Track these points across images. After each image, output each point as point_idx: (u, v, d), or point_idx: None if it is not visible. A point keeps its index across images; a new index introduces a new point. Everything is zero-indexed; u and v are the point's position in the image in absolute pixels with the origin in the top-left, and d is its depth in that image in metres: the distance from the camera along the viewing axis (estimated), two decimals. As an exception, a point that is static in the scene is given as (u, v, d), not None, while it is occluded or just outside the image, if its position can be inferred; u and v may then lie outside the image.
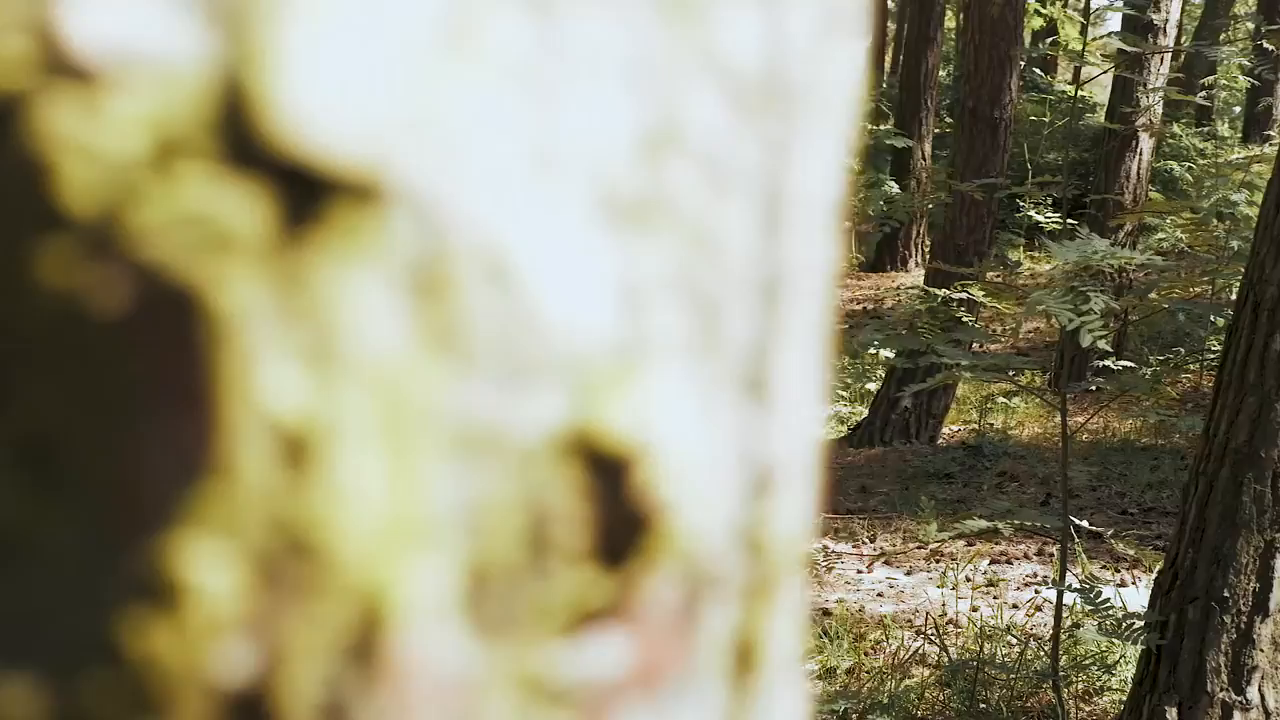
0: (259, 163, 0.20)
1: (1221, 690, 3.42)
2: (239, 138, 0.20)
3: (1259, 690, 3.41)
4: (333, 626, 0.22)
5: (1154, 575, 3.76)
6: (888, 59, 20.19)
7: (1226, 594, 3.43)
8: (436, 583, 0.22)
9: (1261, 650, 3.41)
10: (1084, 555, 5.66)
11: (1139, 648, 3.63)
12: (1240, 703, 3.40)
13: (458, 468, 0.22)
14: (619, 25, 0.24)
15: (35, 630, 0.21)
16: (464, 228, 0.22)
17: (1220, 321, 7.67)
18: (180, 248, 0.20)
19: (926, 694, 4.41)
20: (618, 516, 0.24)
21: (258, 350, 0.21)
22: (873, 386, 9.26)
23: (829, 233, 0.28)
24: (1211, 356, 8.50)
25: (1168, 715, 3.47)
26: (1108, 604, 3.68)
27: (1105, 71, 9.41)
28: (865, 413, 8.67)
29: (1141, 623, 3.58)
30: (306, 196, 0.21)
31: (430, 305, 0.22)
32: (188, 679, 0.21)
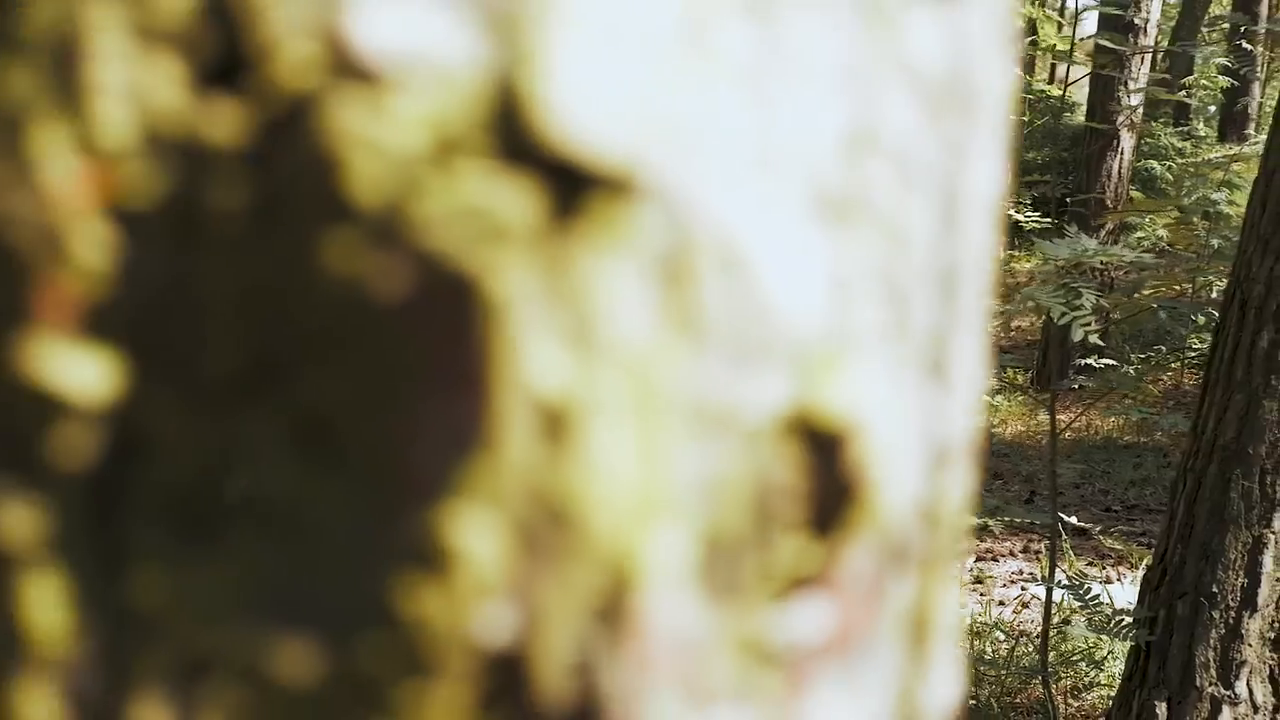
0: (529, 159, 0.22)
1: (1210, 685, 3.46)
2: (511, 136, 0.22)
3: (1247, 685, 3.45)
4: (584, 591, 0.23)
5: (1139, 571, 3.80)
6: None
7: (1215, 589, 3.46)
8: (675, 551, 0.24)
9: (1250, 645, 3.44)
10: (1071, 552, 5.70)
11: (1127, 643, 3.67)
12: (1229, 697, 3.44)
13: (695, 444, 0.24)
14: (828, 30, 0.25)
15: (313, 596, 0.23)
16: (703, 221, 0.23)
17: (1201, 320, 7.74)
18: (458, 238, 0.22)
19: (916, 690, 4.43)
20: (828, 490, 0.25)
21: (525, 333, 0.22)
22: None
23: (992, 227, 0.30)
24: (1193, 355, 8.57)
25: (1157, 710, 3.51)
26: (1097, 600, 3.71)
27: (1090, 72, 9.47)
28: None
29: (1130, 618, 3.61)
30: (570, 191, 0.22)
31: (674, 293, 0.23)
32: (454, 640, 0.23)
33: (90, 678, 0.23)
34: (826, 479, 0.25)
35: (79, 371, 0.22)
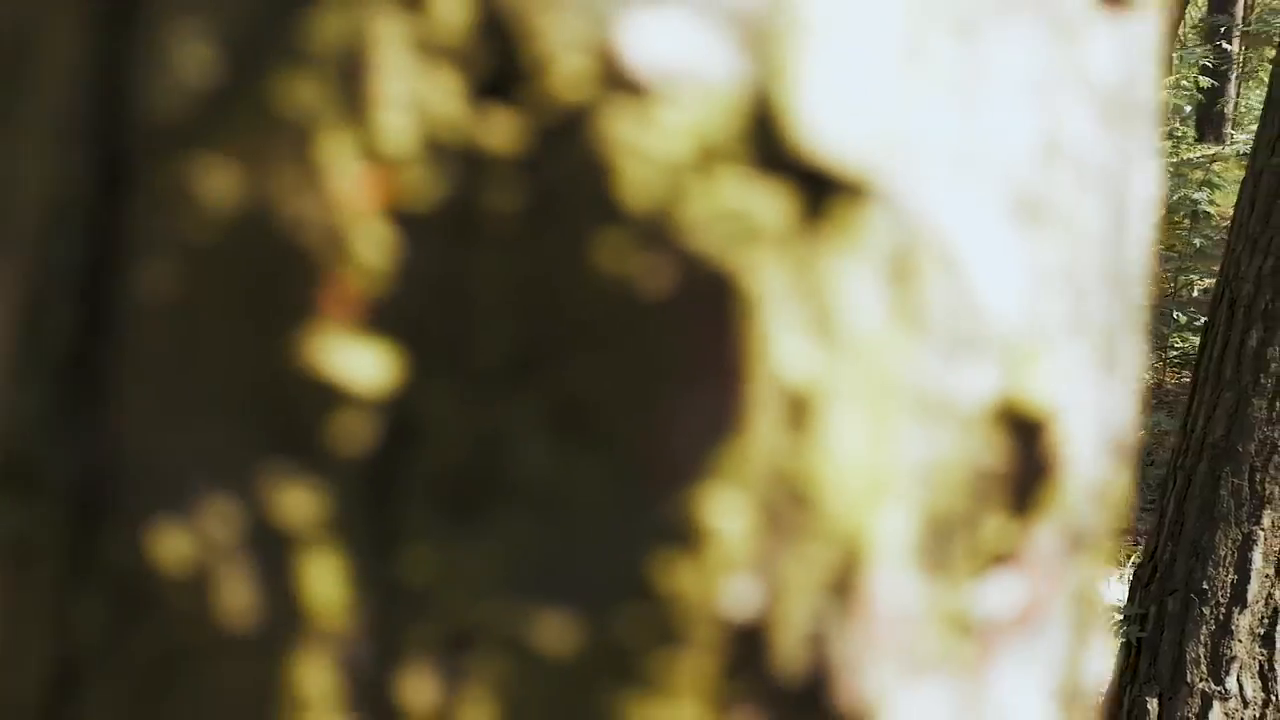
0: (781, 166, 0.24)
1: (1201, 681, 3.50)
2: (766, 144, 0.24)
3: (1238, 680, 3.49)
4: (819, 567, 0.25)
5: (1124, 569, 3.83)
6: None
7: (1205, 586, 3.50)
8: (899, 530, 0.26)
9: (1240, 641, 3.48)
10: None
11: (1118, 640, 3.70)
12: (1219, 693, 3.48)
13: (918, 430, 0.25)
14: (1022, 46, 0.27)
15: (573, 571, 0.24)
16: (924, 222, 0.25)
17: (1183, 319, 7.80)
18: (718, 239, 0.24)
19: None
20: (1026, 473, 0.27)
21: (775, 326, 0.24)
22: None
23: (1151, 229, 0.32)
24: (1175, 353, 8.63)
25: (1148, 706, 3.55)
26: (1088, 596, 3.74)
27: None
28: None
29: (1121, 615, 3.65)
30: (816, 196, 0.24)
31: (902, 289, 0.25)
32: (703, 612, 0.24)
33: (363, 650, 0.24)
34: (1025, 463, 0.27)
35: (360, 363, 0.24)
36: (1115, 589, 4.90)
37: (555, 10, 0.23)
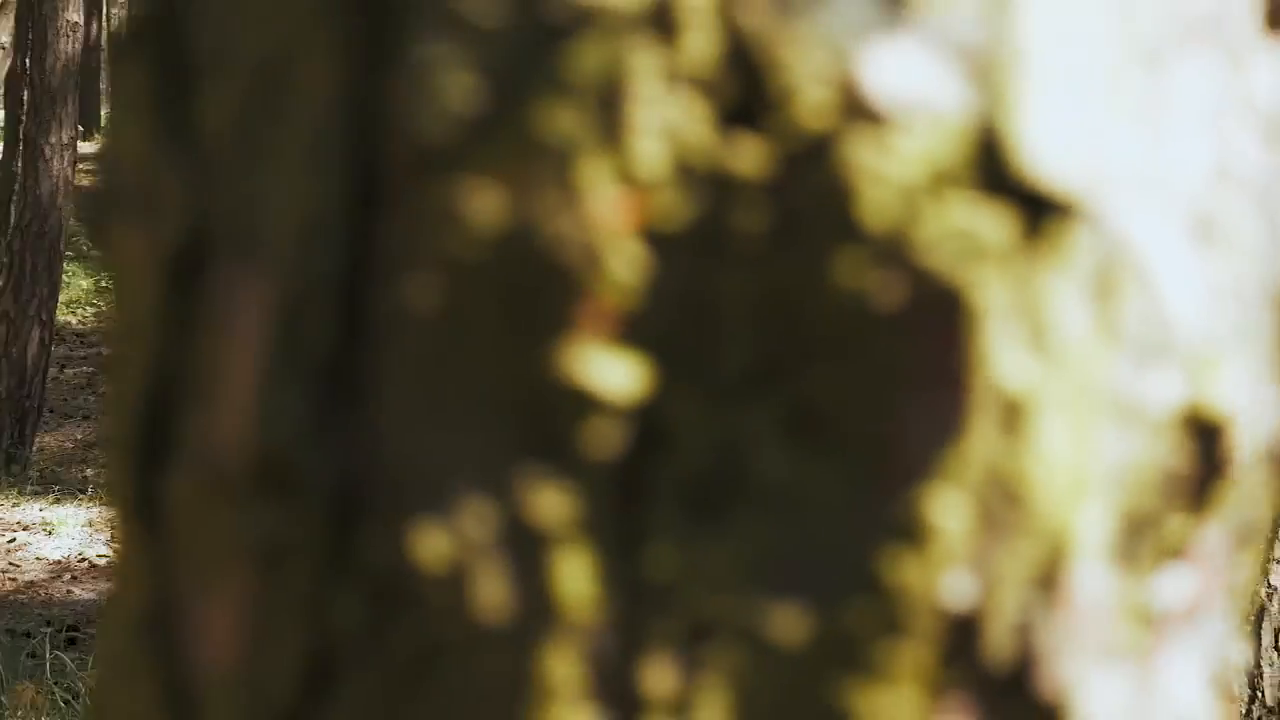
0: (1004, 189, 0.26)
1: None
2: (991, 169, 0.26)
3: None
4: (1028, 561, 0.27)
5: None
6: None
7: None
8: (1097, 527, 0.27)
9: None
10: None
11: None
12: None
13: (1114, 434, 0.27)
14: (1199, 72, 0.29)
15: (806, 566, 0.26)
16: (1122, 240, 0.27)
17: None
18: (948, 257, 0.25)
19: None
20: (1205, 473, 0.29)
21: (996, 337, 0.26)
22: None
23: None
24: None
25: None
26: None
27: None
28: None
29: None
30: (1034, 216, 0.26)
31: (1102, 303, 0.27)
32: (925, 603, 0.26)
33: (608, 642, 0.26)
34: (1205, 464, 0.29)
35: (612, 373, 0.25)
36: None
37: (799, 44, 0.25)
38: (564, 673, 0.26)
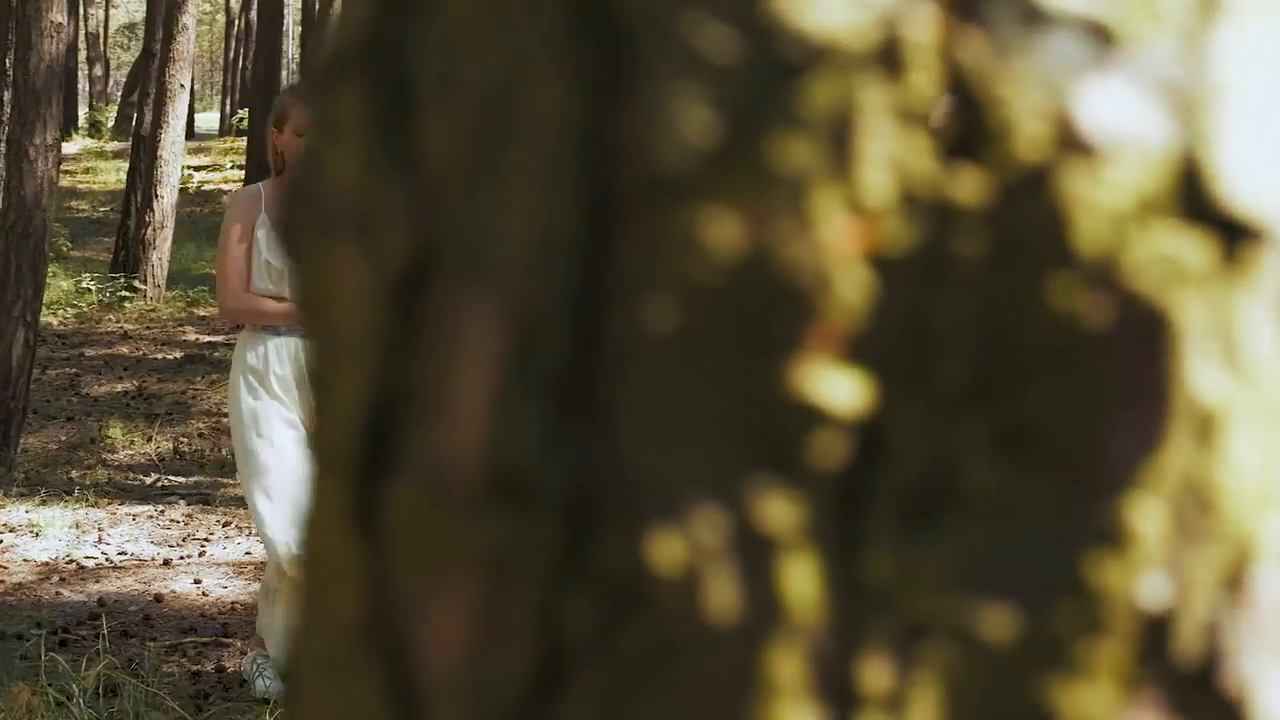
0: (1204, 216, 0.27)
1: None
2: (1192, 198, 0.27)
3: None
4: (1217, 564, 0.29)
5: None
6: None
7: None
8: (1278, 535, 0.29)
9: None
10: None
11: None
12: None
13: (1294, 445, 0.29)
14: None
15: (1015, 570, 0.28)
16: (1301, 263, 0.29)
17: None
18: (1154, 280, 0.27)
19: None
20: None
21: (1195, 355, 0.28)
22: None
23: None
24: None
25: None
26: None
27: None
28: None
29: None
30: (1229, 242, 0.28)
31: (1286, 322, 0.29)
32: (1124, 605, 0.28)
33: (828, 642, 0.28)
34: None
35: (838, 390, 0.27)
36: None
37: (1016, 82, 0.27)
38: (788, 671, 0.28)
